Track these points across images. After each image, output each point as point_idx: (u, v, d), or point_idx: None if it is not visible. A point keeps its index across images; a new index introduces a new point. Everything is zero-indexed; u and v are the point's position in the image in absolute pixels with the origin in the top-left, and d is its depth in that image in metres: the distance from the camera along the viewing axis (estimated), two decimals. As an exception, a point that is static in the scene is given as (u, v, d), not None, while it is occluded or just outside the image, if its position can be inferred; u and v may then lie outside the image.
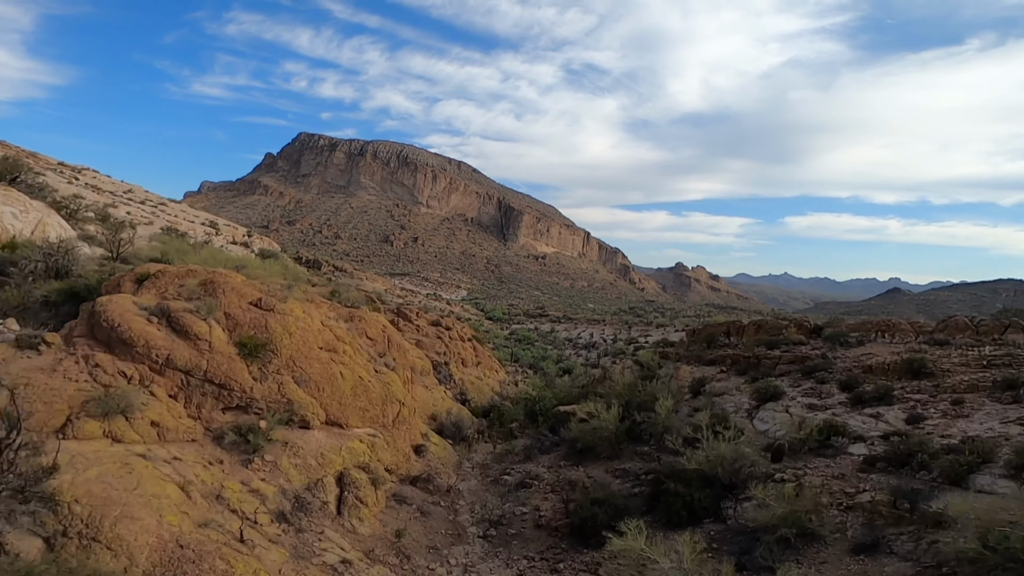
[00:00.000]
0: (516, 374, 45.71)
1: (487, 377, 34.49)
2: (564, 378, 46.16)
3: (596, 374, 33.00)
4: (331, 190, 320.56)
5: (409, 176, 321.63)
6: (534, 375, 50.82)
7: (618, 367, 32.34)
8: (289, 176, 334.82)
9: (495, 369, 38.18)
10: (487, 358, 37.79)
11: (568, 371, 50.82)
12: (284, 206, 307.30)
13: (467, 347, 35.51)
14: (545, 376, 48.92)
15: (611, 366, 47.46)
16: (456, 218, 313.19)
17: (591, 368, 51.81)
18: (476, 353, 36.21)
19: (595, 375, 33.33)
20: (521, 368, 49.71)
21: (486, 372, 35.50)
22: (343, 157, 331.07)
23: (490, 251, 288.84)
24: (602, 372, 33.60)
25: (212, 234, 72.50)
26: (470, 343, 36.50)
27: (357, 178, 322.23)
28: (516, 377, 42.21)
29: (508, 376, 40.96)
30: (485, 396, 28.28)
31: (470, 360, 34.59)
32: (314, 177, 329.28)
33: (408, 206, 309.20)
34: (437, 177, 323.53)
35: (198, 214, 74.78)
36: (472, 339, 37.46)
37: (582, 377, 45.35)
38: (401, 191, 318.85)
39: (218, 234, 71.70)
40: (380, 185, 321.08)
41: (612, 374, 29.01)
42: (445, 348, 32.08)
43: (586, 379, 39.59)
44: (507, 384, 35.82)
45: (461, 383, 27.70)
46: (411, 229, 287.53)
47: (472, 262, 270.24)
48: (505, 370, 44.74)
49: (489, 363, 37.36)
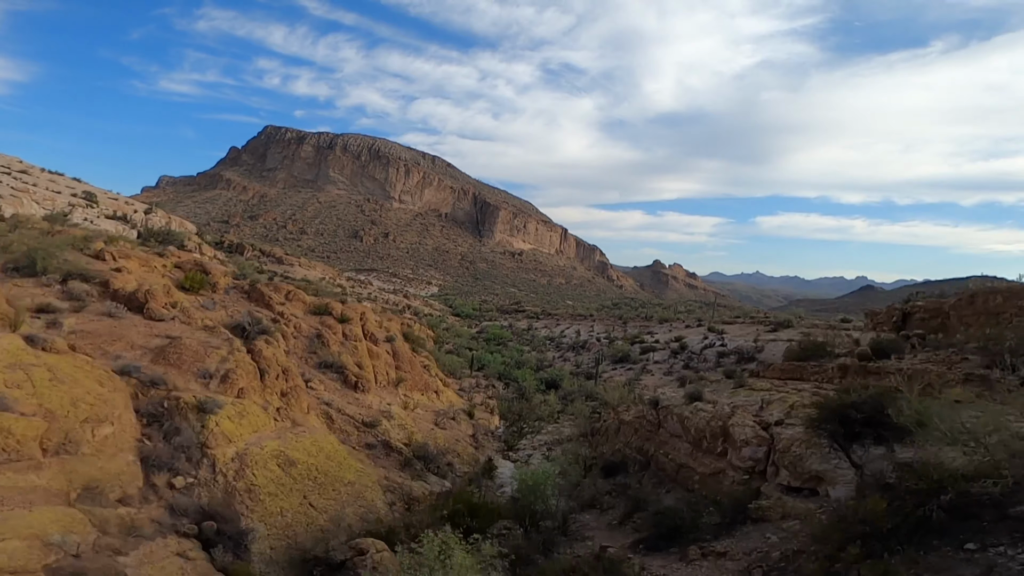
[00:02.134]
0: (477, 391, 30.02)
1: (412, 407, 18.69)
2: (550, 398, 30.74)
3: (619, 399, 17.47)
4: (298, 184, 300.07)
5: (381, 170, 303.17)
6: (504, 389, 35.22)
7: (667, 390, 16.75)
8: (254, 170, 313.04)
9: (435, 389, 22.34)
10: (419, 371, 21.89)
11: (554, 384, 35.37)
12: (247, 201, 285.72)
13: (379, 353, 19.61)
14: (519, 392, 33.46)
15: (626, 381, 32.10)
16: (430, 213, 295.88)
17: (585, 379, 36.53)
18: (397, 364, 20.31)
19: (617, 401, 17.78)
20: (485, 381, 34.07)
21: (413, 396, 19.68)
22: (311, 151, 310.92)
23: (465, 247, 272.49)
24: (628, 393, 18.08)
25: (83, 207, 55.80)
26: (386, 346, 20.59)
27: (326, 172, 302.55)
28: (474, 398, 26.53)
29: (460, 399, 25.22)
30: (346, 489, 12.30)
31: (382, 375, 18.73)
32: (280, 171, 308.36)
33: (379, 201, 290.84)
34: (410, 171, 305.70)
35: (72, 185, 57.56)
36: (390, 340, 21.52)
37: (578, 399, 29.96)
38: (372, 186, 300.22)
39: (92, 207, 55.18)
40: (350, 179, 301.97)
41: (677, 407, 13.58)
42: (320, 356, 16.18)
43: (585, 405, 24.06)
44: (449, 419, 20.06)
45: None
46: (382, 225, 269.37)
47: (446, 259, 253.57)
48: (459, 386, 28.91)
49: (421, 380, 21.48)
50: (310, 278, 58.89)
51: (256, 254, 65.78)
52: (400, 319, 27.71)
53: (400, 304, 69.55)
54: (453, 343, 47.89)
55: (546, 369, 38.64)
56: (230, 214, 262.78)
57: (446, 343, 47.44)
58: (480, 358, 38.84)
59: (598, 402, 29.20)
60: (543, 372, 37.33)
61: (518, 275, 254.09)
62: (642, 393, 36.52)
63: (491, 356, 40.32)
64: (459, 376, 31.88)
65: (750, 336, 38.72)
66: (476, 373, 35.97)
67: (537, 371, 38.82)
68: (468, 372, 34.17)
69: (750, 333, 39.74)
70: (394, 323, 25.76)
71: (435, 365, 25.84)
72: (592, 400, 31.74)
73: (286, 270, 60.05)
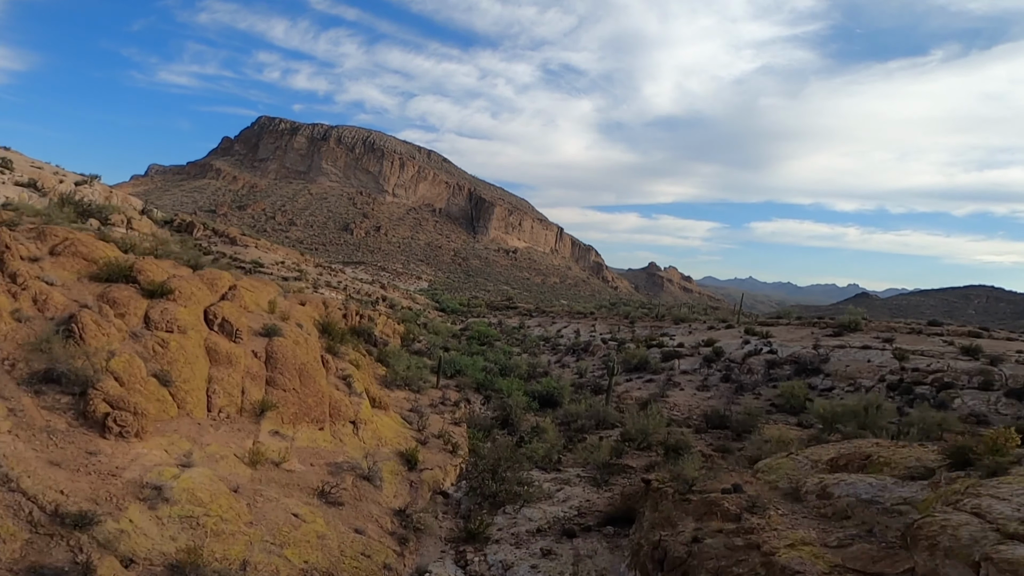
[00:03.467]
0: (441, 410, 20.43)
1: (278, 458, 8.86)
2: (545, 426, 21.10)
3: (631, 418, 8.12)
4: (290, 176, 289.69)
5: (375, 163, 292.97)
6: (482, 407, 25.64)
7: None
8: (245, 160, 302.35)
9: (351, 418, 12.38)
10: (322, 388, 11.99)
11: (550, 400, 25.81)
12: (236, 191, 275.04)
13: (232, 356, 9.85)
14: (503, 413, 23.93)
15: (648, 398, 22.89)
16: (423, 208, 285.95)
17: (592, 393, 26.90)
18: (270, 376, 10.54)
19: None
20: (457, 394, 24.50)
21: (293, 434, 9.85)
22: (304, 142, 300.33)
23: (458, 243, 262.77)
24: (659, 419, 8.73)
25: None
26: (256, 344, 10.76)
27: (318, 164, 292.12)
28: (430, 425, 16.95)
29: (405, 429, 15.54)
30: None
31: (224, 397, 8.91)
32: (272, 162, 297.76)
33: (372, 194, 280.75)
34: (405, 165, 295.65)
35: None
36: (269, 333, 11.73)
37: (588, 427, 20.47)
38: (366, 178, 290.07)
39: (3, 172, 46.41)
40: (343, 172, 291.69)
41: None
42: (51, 358, 6.38)
43: (601, 442, 14.66)
44: (354, 478, 10.22)
45: None
46: (374, 218, 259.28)
47: (438, 254, 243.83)
48: (414, 404, 19.22)
49: (324, 403, 11.52)
50: (264, 261, 49.16)
51: (207, 233, 55.90)
52: (320, 305, 17.98)
53: (375, 295, 59.86)
54: (427, 341, 38.28)
55: (540, 379, 29.09)
56: (218, 203, 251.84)
57: (418, 340, 37.81)
58: (455, 361, 29.24)
59: (621, 434, 19.64)
60: (536, 382, 27.80)
61: (512, 273, 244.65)
62: (674, 415, 26.89)
63: (470, 360, 30.74)
64: (419, 387, 22.32)
65: (806, 341, 29.39)
66: (446, 382, 26.41)
67: (528, 380, 29.30)
68: (434, 382, 24.58)
69: (803, 337, 30.43)
70: (307, 309, 16.20)
71: (370, 375, 16.27)
72: (607, 428, 22.17)
73: (237, 251, 50.26)
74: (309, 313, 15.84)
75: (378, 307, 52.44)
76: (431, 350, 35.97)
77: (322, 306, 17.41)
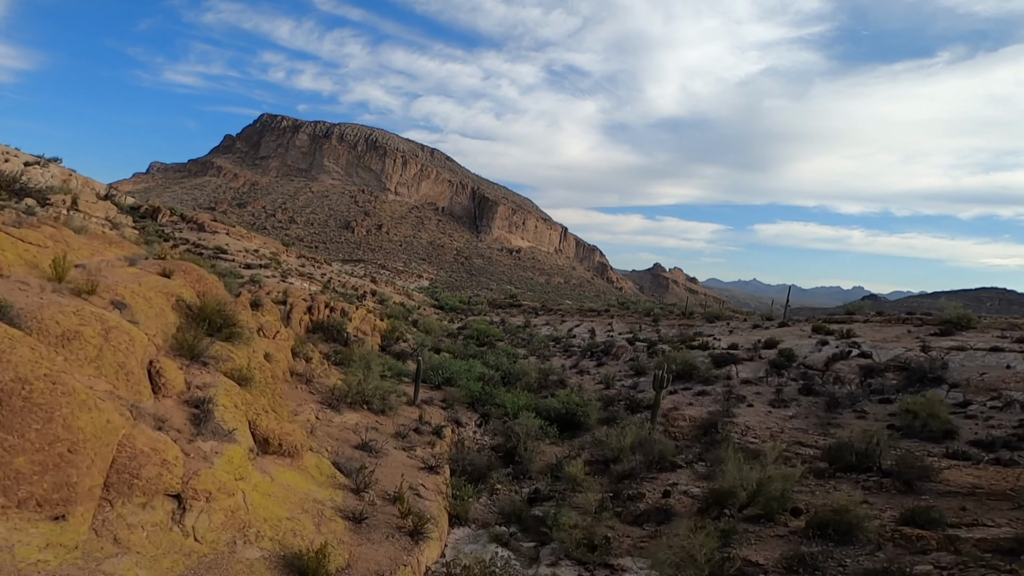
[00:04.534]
0: (421, 441, 13.35)
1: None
2: (575, 474, 13.73)
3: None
4: (291, 173, 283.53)
5: (377, 161, 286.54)
6: (476, 432, 18.53)
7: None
8: (247, 158, 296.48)
9: (189, 494, 5.48)
10: (148, 438, 5.03)
11: (572, 420, 18.69)
12: (237, 188, 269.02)
13: None
14: (506, 442, 16.49)
15: (708, 418, 15.77)
16: (426, 207, 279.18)
17: (626, 410, 19.69)
18: None
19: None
20: (444, 411, 17.48)
21: None
22: (306, 139, 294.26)
23: (461, 242, 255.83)
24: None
25: None
26: None
27: (320, 161, 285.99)
28: (415, 466, 9.88)
29: (331, 491, 8.47)
30: None
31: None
32: (273, 160, 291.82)
33: (374, 192, 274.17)
34: (407, 163, 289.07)
35: None
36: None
37: (642, 475, 12.97)
38: (368, 176, 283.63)
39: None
40: (345, 170, 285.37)
41: None
42: None
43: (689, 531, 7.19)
44: None
45: None
46: (376, 216, 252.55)
47: (440, 253, 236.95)
48: (368, 431, 12.13)
49: (135, 464, 4.67)
50: (232, 247, 42.21)
51: (174, 219, 49.05)
52: (205, 280, 10.87)
53: (363, 289, 52.82)
54: (414, 340, 31.21)
55: (555, 390, 21.94)
56: (217, 201, 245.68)
57: (403, 339, 30.79)
58: (443, 367, 22.15)
59: (713, 493, 11.76)
60: (550, 396, 20.67)
61: (515, 272, 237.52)
62: (749, 441, 15.89)
63: (463, 364, 23.58)
64: (383, 406, 15.28)
65: (906, 342, 22.24)
66: (429, 395, 19.36)
67: (539, 391, 22.22)
68: (409, 396, 17.50)
69: (899, 337, 23.29)
70: (170, 283, 9.28)
71: (270, 397, 9.31)
72: (666, 470, 14.55)
73: (203, 238, 43.34)
74: (171, 289, 8.92)
75: (364, 302, 45.50)
76: (418, 351, 28.74)
77: (211, 281, 10.36)
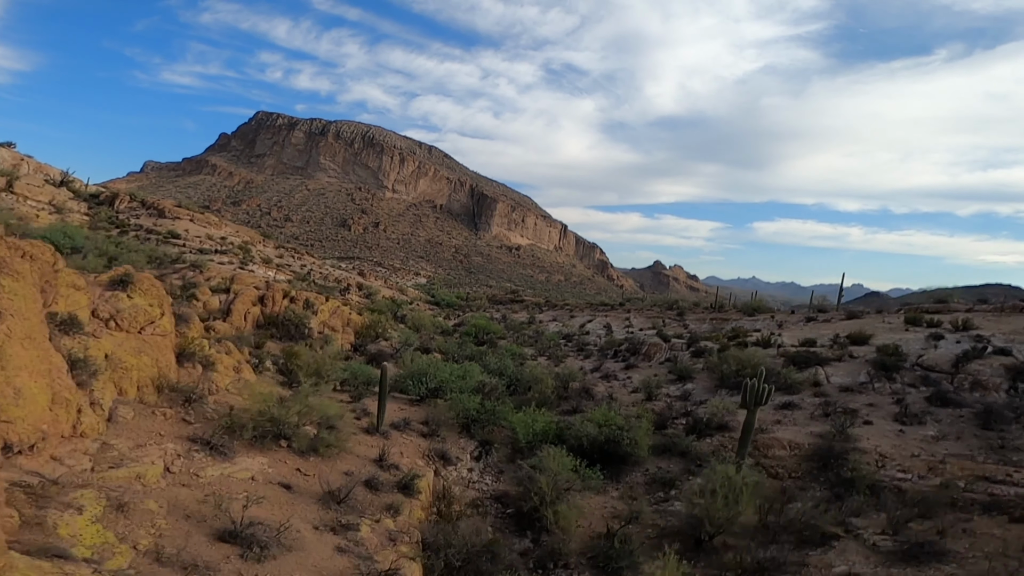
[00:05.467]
0: (375, 504, 7.61)
1: None
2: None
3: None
4: (287, 171, 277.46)
5: (374, 158, 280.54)
6: (474, 471, 12.60)
7: None
8: (242, 156, 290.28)
9: None
10: None
11: (614, 450, 13.05)
12: (232, 187, 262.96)
13: None
14: (524, 500, 10.63)
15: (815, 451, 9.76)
16: (424, 204, 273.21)
17: (692, 434, 14.14)
18: None
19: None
20: (424, 442, 11.78)
21: None
22: (302, 137, 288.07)
23: (459, 240, 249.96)
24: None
25: None
26: None
27: (316, 159, 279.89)
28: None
29: None
30: None
31: None
32: (269, 158, 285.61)
33: (371, 190, 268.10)
34: (405, 160, 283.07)
35: None
36: None
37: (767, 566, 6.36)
38: (365, 174, 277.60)
39: None
40: (342, 167, 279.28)
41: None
42: None
43: None
44: None
45: None
46: (373, 214, 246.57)
47: (439, 251, 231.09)
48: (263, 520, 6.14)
49: None
50: (190, 233, 36.32)
51: (133, 205, 43.14)
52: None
53: (347, 281, 46.90)
54: (399, 339, 25.20)
55: (578, 402, 16.09)
56: (211, 199, 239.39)
57: (384, 337, 24.88)
58: (431, 373, 16.30)
59: None
60: (571, 410, 14.84)
61: (515, 270, 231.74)
62: (899, 479, 11.05)
63: (457, 369, 17.68)
64: (322, 441, 9.45)
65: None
66: (405, 414, 13.58)
67: (559, 405, 16.40)
68: (371, 418, 11.69)
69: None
70: None
71: None
72: (812, 544, 8.75)
73: (158, 224, 37.41)
74: None
75: (347, 295, 39.63)
76: (400, 352, 22.76)
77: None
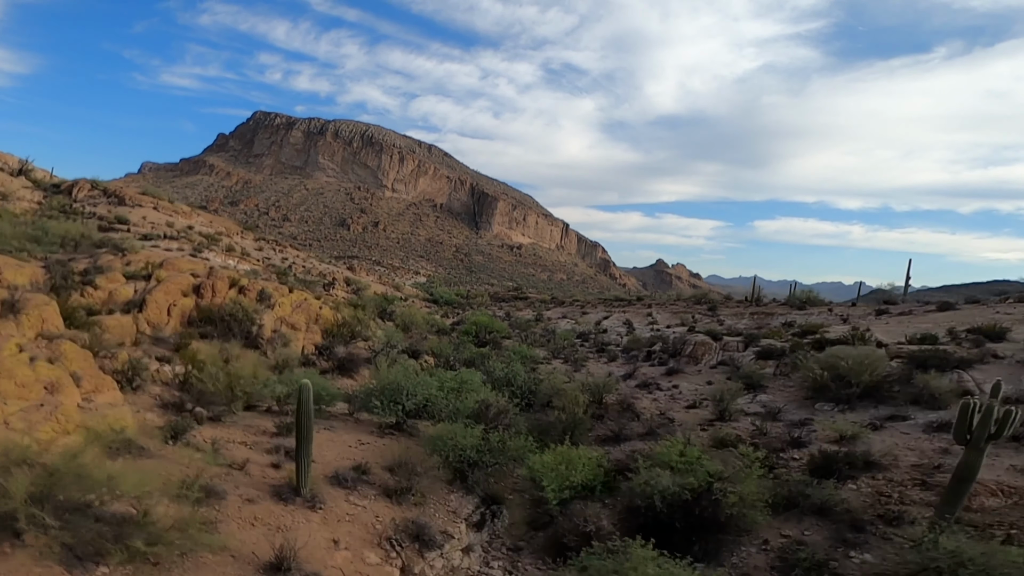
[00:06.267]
0: None
1: None
2: None
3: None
4: (285, 171, 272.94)
5: (373, 157, 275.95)
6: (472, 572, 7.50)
7: None
8: (240, 156, 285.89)
9: None
10: None
11: (710, 517, 8.06)
12: (230, 186, 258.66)
13: None
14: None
15: None
16: (424, 203, 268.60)
17: (811, 476, 9.48)
18: None
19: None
20: (393, 511, 7.08)
21: None
22: (301, 136, 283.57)
23: (460, 239, 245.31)
24: None
25: None
26: None
27: (315, 158, 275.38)
28: None
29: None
30: None
31: None
32: (267, 157, 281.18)
33: (371, 189, 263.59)
34: (404, 159, 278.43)
35: None
36: None
37: None
38: (364, 173, 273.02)
39: None
40: (340, 166, 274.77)
41: None
42: None
43: None
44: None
45: None
46: (372, 213, 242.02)
47: (439, 250, 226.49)
48: None
49: None
50: (148, 220, 31.70)
51: (94, 193, 38.49)
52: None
53: (332, 275, 42.17)
54: (383, 339, 20.38)
55: (622, 425, 11.40)
56: (209, 199, 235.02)
57: (364, 337, 20.12)
58: (411, 388, 11.57)
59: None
60: (608, 435, 10.12)
61: (516, 269, 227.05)
62: None
63: (448, 380, 12.92)
64: (167, 546, 4.78)
65: None
66: (361, 462, 8.94)
67: (593, 428, 11.64)
68: (307, 474, 7.02)
69: None
70: None
71: None
72: None
73: (115, 211, 32.74)
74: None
75: (332, 290, 34.93)
76: (382, 352, 17.91)
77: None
